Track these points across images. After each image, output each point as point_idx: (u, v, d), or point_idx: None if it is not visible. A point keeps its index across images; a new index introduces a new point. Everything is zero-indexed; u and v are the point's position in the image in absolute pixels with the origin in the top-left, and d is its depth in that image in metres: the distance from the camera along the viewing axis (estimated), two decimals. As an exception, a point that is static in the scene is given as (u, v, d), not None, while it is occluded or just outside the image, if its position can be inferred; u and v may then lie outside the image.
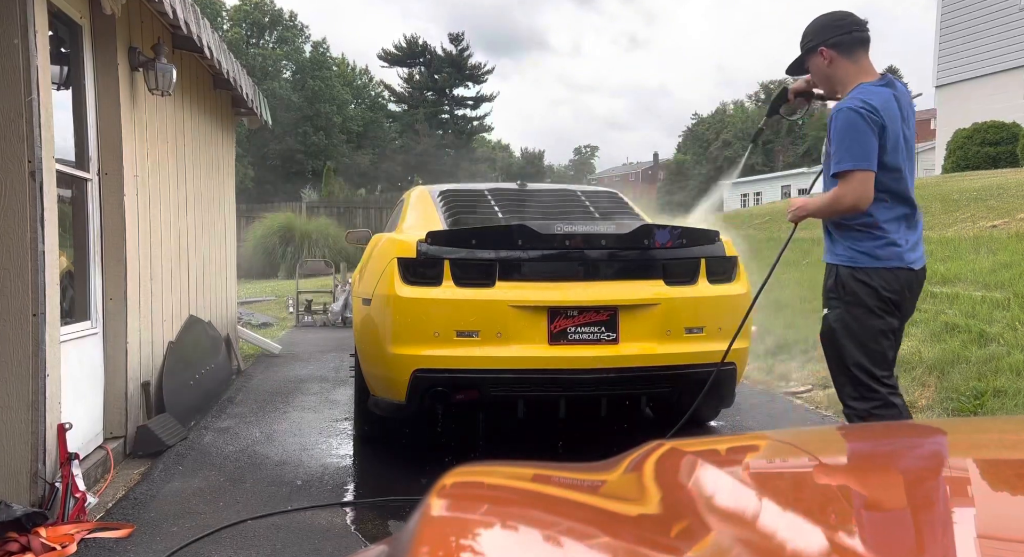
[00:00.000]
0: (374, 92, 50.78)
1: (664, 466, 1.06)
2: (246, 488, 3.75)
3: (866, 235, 2.83)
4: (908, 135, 2.86)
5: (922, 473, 1.06)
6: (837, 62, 2.89)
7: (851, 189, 2.74)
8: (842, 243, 2.89)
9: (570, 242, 3.71)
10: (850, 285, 2.84)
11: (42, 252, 3.19)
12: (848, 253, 2.87)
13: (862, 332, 2.85)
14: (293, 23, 45.43)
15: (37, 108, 3.15)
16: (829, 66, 2.91)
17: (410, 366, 3.62)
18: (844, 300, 2.86)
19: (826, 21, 2.93)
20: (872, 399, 2.84)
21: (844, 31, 2.88)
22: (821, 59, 2.91)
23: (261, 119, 7.54)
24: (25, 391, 3.17)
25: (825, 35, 2.90)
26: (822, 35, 2.91)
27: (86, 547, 3.05)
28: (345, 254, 15.20)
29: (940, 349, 5.44)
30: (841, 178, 2.76)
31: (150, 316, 4.72)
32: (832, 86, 2.98)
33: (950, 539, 0.79)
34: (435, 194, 4.68)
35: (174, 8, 4.25)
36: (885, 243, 2.83)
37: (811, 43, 2.93)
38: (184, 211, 5.58)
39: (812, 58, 2.94)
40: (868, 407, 2.85)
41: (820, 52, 2.90)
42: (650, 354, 3.71)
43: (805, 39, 2.97)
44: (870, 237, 2.83)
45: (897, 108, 2.80)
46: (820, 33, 2.91)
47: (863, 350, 2.85)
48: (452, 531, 0.90)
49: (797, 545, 0.73)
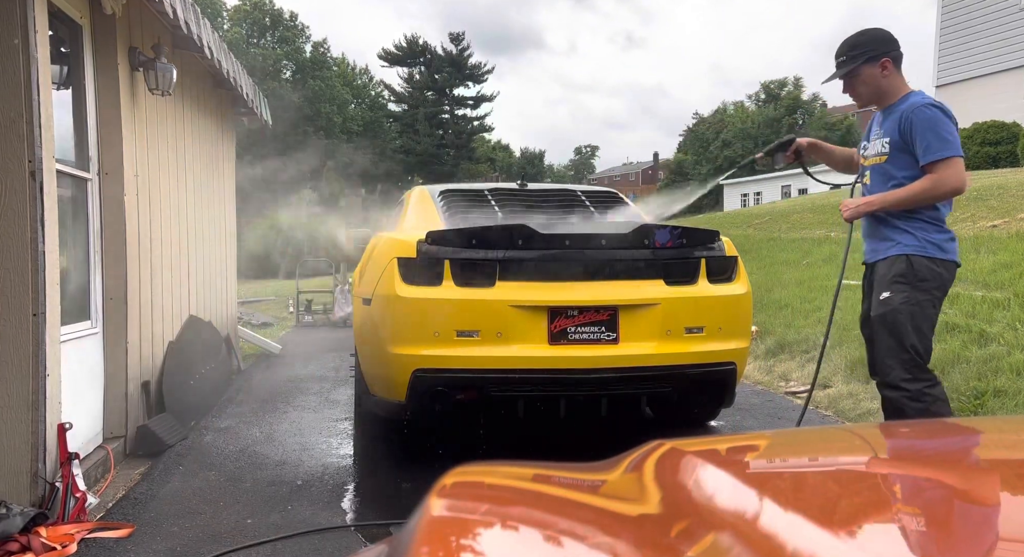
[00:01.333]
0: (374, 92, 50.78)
1: (664, 466, 1.06)
2: (246, 488, 3.75)
3: (935, 228, 3.03)
4: None
5: (922, 473, 1.06)
6: (893, 74, 3.11)
7: (954, 174, 2.93)
8: (911, 234, 3.04)
9: (570, 242, 3.71)
10: (923, 272, 3.00)
11: (42, 252, 3.19)
12: (920, 243, 3.02)
13: (923, 318, 3.01)
14: (293, 23, 45.42)
15: (37, 108, 3.15)
16: (885, 77, 3.11)
17: (410, 366, 3.62)
18: (915, 286, 3.01)
19: (885, 35, 3.15)
20: (924, 379, 3.00)
21: (898, 47, 3.14)
22: (879, 69, 3.11)
23: (261, 119, 7.54)
24: (25, 391, 3.17)
25: (887, 47, 3.11)
26: (885, 47, 3.11)
27: (86, 547, 3.05)
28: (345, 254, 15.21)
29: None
30: (941, 164, 2.93)
31: (150, 316, 4.72)
32: (879, 95, 3.17)
33: (950, 539, 0.79)
34: (435, 194, 4.68)
35: (174, 8, 4.25)
36: (949, 238, 3.06)
37: (873, 53, 3.10)
38: (184, 211, 5.58)
39: (868, 67, 3.11)
40: (921, 387, 3.00)
41: (883, 63, 3.09)
42: (650, 354, 3.71)
43: (861, 49, 3.12)
44: (939, 230, 3.04)
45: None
46: (882, 45, 3.11)
47: (919, 335, 3.00)
48: (452, 531, 0.90)
49: (797, 545, 0.73)
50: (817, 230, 12.12)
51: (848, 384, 5.55)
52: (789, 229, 12.86)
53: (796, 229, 12.77)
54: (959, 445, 1.20)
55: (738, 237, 10.07)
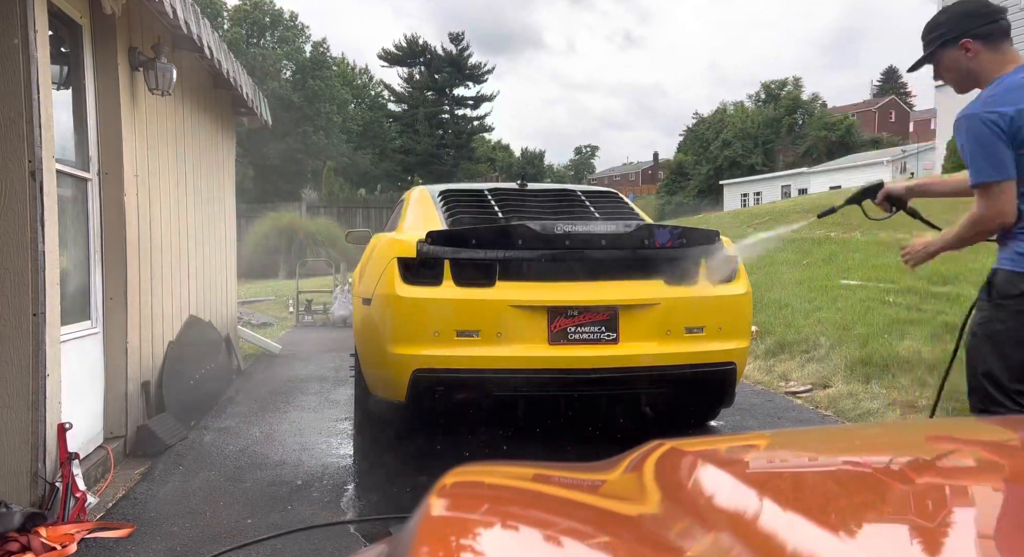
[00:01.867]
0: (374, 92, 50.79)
1: (664, 466, 1.06)
2: (246, 488, 3.75)
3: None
4: None
5: (922, 473, 1.06)
6: (980, 54, 2.56)
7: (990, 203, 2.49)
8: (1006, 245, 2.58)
9: (570, 242, 3.71)
10: (1004, 288, 2.55)
11: (42, 252, 3.19)
12: (1010, 255, 2.56)
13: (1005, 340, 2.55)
14: (293, 23, 45.42)
15: (37, 108, 3.15)
16: (970, 58, 2.58)
17: (410, 366, 3.62)
18: (994, 302, 2.57)
19: (967, 9, 2.60)
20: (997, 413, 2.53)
21: (987, 21, 2.56)
22: (962, 52, 2.58)
23: (261, 119, 7.54)
24: (25, 391, 3.17)
25: (968, 25, 2.56)
26: (964, 25, 2.56)
27: (86, 547, 3.05)
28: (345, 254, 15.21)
29: (940, 349, 5.45)
30: (978, 191, 2.50)
31: (150, 316, 4.72)
32: (972, 80, 2.64)
33: (949, 540, 0.79)
34: (435, 194, 4.68)
35: (174, 8, 4.25)
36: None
37: (950, 34, 2.58)
38: (184, 211, 5.58)
39: (950, 51, 2.61)
40: None
41: (963, 44, 2.57)
42: (650, 354, 3.71)
43: (938, 30, 2.62)
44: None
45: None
46: (962, 23, 2.57)
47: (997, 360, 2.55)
48: (452, 531, 0.90)
49: (797, 545, 0.73)
50: (817, 230, 12.12)
51: (848, 384, 5.55)
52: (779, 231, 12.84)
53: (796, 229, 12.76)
54: (959, 445, 1.20)
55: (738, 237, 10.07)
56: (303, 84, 42.49)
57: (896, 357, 5.63)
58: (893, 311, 6.63)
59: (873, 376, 5.53)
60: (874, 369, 5.61)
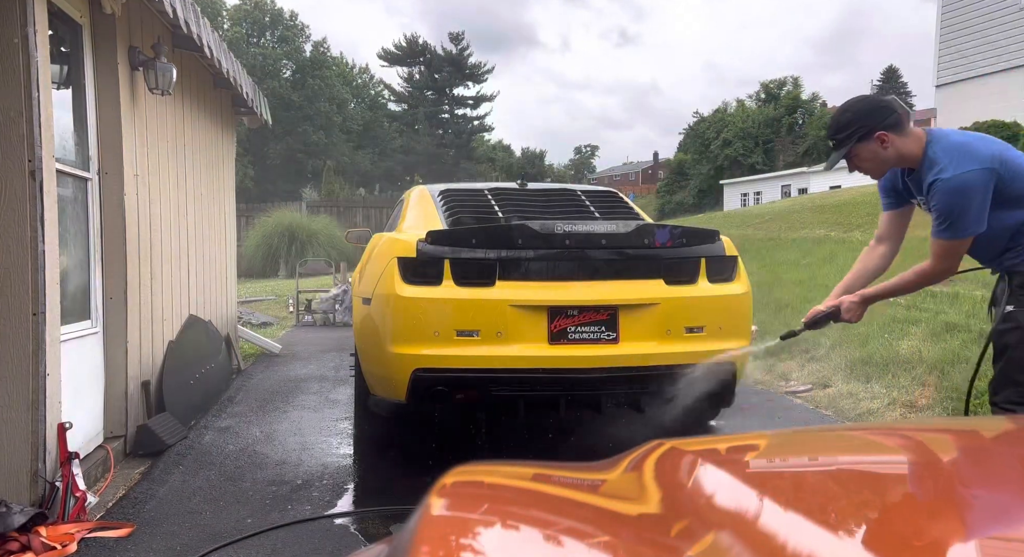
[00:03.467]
0: (374, 91, 50.78)
1: (664, 466, 1.06)
2: (246, 487, 3.75)
3: None
4: None
5: (922, 473, 1.06)
6: (896, 141, 2.73)
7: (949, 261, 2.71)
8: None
9: (570, 241, 3.71)
10: None
11: (42, 251, 3.19)
12: None
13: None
14: (293, 23, 45.41)
15: (37, 107, 3.15)
16: (886, 148, 2.74)
17: (410, 366, 3.62)
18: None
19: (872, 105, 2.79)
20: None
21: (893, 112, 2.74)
22: (877, 144, 2.74)
23: (261, 118, 7.54)
24: (25, 390, 3.17)
25: (878, 119, 2.73)
26: (873, 119, 2.73)
27: (86, 546, 3.05)
28: (345, 254, 15.20)
29: (940, 349, 5.45)
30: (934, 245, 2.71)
31: (150, 315, 4.72)
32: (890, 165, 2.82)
33: (949, 539, 0.79)
34: (435, 194, 4.68)
35: (174, 7, 4.24)
36: None
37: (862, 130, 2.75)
38: (184, 210, 5.58)
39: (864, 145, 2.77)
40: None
41: (879, 137, 2.72)
42: (650, 353, 3.71)
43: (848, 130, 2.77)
44: None
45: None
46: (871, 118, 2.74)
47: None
48: (452, 530, 0.90)
49: (797, 545, 0.73)
50: (817, 229, 12.12)
51: (848, 384, 5.55)
52: (789, 229, 12.87)
53: (796, 229, 12.77)
54: (959, 445, 1.20)
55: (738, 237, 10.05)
56: (303, 83, 42.48)
57: (896, 357, 5.63)
58: (893, 310, 6.63)
59: (873, 376, 5.53)
60: (874, 369, 5.61)
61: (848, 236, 11.32)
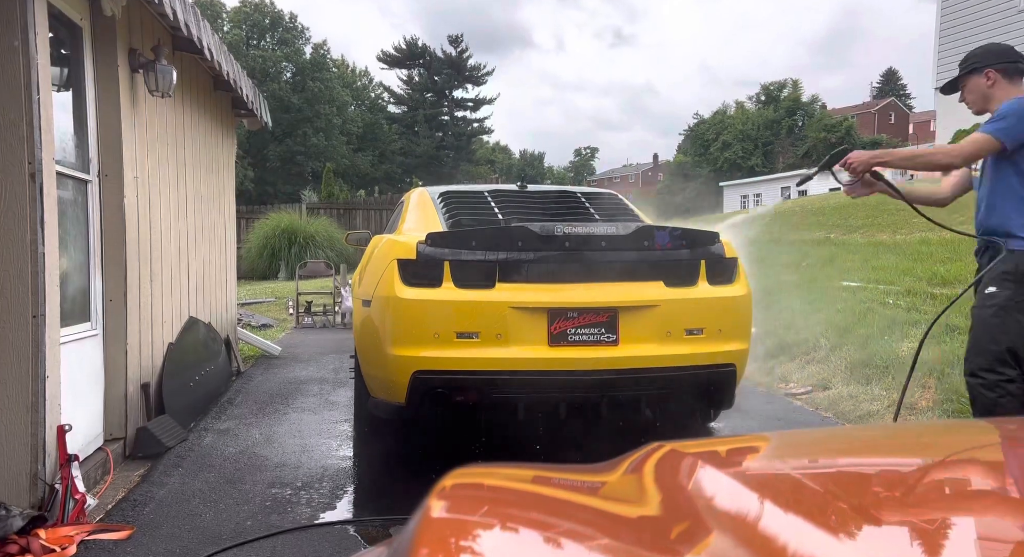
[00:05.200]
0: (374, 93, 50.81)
1: (664, 468, 1.06)
2: (246, 490, 3.75)
3: None
4: None
5: (922, 474, 1.06)
6: (999, 83, 3.23)
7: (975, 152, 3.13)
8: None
9: (570, 243, 3.71)
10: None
11: (42, 254, 3.19)
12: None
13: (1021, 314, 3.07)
14: (293, 24, 45.44)
15: (37, 110, 3.15)
16: (989, 86, 3.24)
17: (410, 368, 3.62)
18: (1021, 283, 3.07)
19: (994, 48, 3.32)
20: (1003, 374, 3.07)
21: (1009, 59, 3.25)
22: (984, 79, 3.25)
23: (261, 121, 7.54)
24: (25, 392, 3.17)
25: (993, 60, 3.25)
26: (989, 59, 3.26)
27: (86, 549, 3.05)
28: (345, 256, 15.20)
29: (940, 350, 5.44)
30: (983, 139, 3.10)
31: (150, 317, 4.72)
32: (986, 102, 3.29)
33: (949, 540, 0.79)
34: (435, 196, 4.68)
35: (174, 10, 4.25)
36: None
37: (978, 65, 3.26)
38: (184, 212, 5.58)
39: (974, 77, 3.28)
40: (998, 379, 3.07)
41: (986, 73, 3.24)
42: (650, 355, 3.71)
43: (969, 61, 3.31)
44: None
45: None
46: (987, 58, 3.27)
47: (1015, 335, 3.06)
48: (452, 533, 0.90)
49: (797, 547, 0.73)
50: (817, 232, 12.13)
51: (848, 386, 5.55)
52: (789, 230, 12.86)
53: (796, 231, 12.78)
54: (959, 445, 1.20)
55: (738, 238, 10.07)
56: (303, 86, 42.50)
57: (896, 359, 5.63)
58: (893, 312, 6.63)
59: (873, 378, 5.53)
60: (874, 371, 5.61)
61: (848, 238, 11.32)
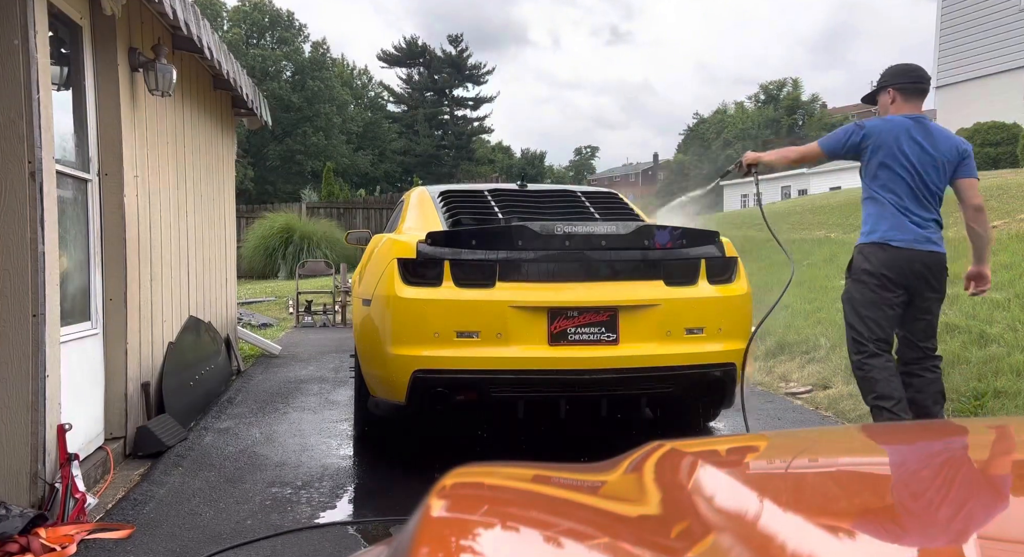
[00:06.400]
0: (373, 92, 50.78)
1: (664, 467, 1.06)
2: (246, 489, 3.75)
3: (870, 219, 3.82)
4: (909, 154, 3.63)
5: (922, 474, 1.06)
6: (897, 102, 3.78)
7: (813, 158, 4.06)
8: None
9: (570, 242, 3.71)
10: (855, 260, 3.82)
11: (42, 253, 3.19)
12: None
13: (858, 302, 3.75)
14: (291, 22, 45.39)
15: (37, 109, 3.15)
16: (891, 103, 3.79)
17: (410, 367, 3.62)
18: (850, 275, 3.84)
19: (898, 69, 3.84)
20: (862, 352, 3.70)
21: (909, 81, 3.77)
22: (887, 97, 3.81)
23: (261, 119, 7.53)
24: (25, 392, 3.17)
25: (891, 80, 3.80)
26: (889, 79, 3.81)
27: (86, 548, 3.05)
28: (345, 255, 15.19)
29: (940, 350, 5.44)
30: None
31: (150, 316, 4.72)
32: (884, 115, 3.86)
33: (950, 540, 0.79)
34: (435, 195, 4.68)
35: (174, 9, 4.25)
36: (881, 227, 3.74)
37: (884, 83, 3.84)
38: (184, 211, 5.58)
39: (881, 94, 3.85)
40: (859, 358, 3.70)
41: (888, 91, 3.80)
42: (650, 355, 3.71)
43: (881, 79, 3.87)
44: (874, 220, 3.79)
45: (901, 133, 3.64)
46: (889, 77, 3.82)
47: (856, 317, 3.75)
48: (452, 532, 0.90)
49: (797, 546, 0.73)
50: (817, 231, 12.13)
51: (848, 385, 5.55)
52: (789, 230, 12.86)
53: (796, 230, 12.78)
54: (959, 445, 1.20)
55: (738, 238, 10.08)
56: (303, 85, 42.46)
57: (896, 358, 5.62)
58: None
59: (873, 377, 5.52)
60: (874, 370, 5.60)
61: (848, 237, 11.31)
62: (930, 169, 3.62)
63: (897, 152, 3.60)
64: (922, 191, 3.62)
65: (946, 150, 3.66)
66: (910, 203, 3.61)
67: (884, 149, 3.62)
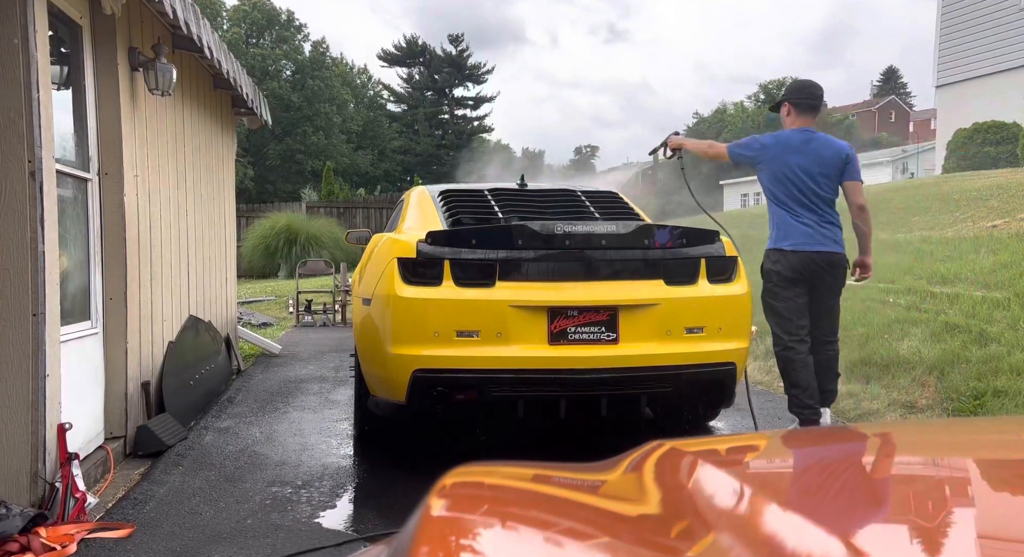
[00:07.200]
0: (373, 91, 50.74)
1: (664, 466, 1.06)
2: (246, 488, 3.75)
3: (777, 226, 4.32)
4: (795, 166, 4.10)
5: (922, 473, 1.06)
6: (792, 116, 4.25)
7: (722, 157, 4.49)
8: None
9: (570, 242, 3.71)
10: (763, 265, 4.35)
11: (42, 252, 3.19)
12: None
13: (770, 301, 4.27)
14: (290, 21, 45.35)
15: (37, 108, 3.15)
16: (787, 116, 4.26)
17: (410, 366, 3.62)
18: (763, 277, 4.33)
19: (795, 85, 4.36)
20: (778, 344, 4.21)
21: (802, 97, 4.22)
22: (785, 111, 4.28)
23: (261, 119, 7.53)
24: (25, 391, 3.17)
25: (787, 95, 4.29)
26: (786, 94, 4.31)
27: (86, 547, 3.05)
28: (345, 254, 15.19)
29: (940, 349, 5.44)
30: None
31: (150, 316, 4.72)
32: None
33: (949, 540, 0.79)
34: (435, 194, 4.68)
35: (174, 8, 4.25)
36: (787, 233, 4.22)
37: (783, 97, 4.33)
38: (184, 211, 5.58)
39: (782, 107, 4.31)
40: (777, 349, 4.21)
41: (785, 105, 4.28)
42: (650, 354, 3.71)
43: (782, 94, 4.36)
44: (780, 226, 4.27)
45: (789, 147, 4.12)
46: (787, 92, 4.33)
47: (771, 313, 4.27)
48: (452, 531, 0.90)
49: (797, 545, 0.73)
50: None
51: (848, 384, 5.55)
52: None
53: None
54: (959, 445, 1.20)
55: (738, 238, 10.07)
56: (302, 84, 42.43)
57: (896, 357, 5.63)
58: (893, 311, 6.63)
59: (873, 376, 5.53)
60: (874, 369, 5.61)
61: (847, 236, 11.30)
62: (818, 176, 4.08)
63: (785, 166, 4.08)
64: (811, 198, 4.08)
65: (830, 157, 4.10)
66: (801, 209, 4.08)
67: (776, 162, 4.11)
